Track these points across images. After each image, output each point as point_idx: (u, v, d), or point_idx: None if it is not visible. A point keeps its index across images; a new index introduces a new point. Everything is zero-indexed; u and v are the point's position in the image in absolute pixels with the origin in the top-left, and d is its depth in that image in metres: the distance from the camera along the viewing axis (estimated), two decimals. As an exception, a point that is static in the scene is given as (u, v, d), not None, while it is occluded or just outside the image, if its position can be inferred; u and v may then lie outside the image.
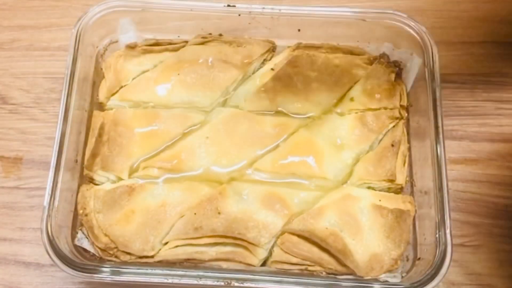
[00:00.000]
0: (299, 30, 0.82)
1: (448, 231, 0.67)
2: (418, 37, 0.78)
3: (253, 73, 0.81)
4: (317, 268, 0.69)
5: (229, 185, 0.73)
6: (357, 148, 0.75)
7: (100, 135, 0.75)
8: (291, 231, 0.70)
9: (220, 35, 0.82)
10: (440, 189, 0.69)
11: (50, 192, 0.68)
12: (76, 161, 0.74)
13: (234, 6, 0.79)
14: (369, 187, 0.75)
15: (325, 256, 0.69)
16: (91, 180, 0.75)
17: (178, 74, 0.78)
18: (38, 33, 0.92)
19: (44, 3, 0.94)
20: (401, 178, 0.75)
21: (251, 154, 0.75)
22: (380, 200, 0.73)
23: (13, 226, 0.79)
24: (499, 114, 0.87)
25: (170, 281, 0.65)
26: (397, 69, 0.80)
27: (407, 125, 0.79)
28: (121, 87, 0.79)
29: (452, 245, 0.67)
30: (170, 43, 0.81)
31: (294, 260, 0.69)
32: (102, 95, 0.79)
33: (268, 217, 0.71)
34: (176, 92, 0.78)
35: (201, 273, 0.66)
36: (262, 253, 0.70)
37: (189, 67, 0.79)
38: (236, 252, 0.70)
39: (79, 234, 0.71)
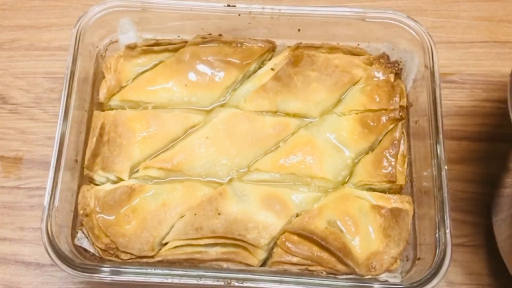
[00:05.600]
0: (299, 30, 0.82)
1: (448, 231, 0.67)
2: (418, 37, 0.78)
3: (253, 73, 0.81)
4: (318, 267, 0.69)
5: (229, 186, 0.73)
6: (357, 149, 0.75)
7: (100, 135, 0.75)
8: (291, 231, 0.70)
9: (220, 35, 0.82)
10: (440, 189, 0.69)
11: (50, 192, 0.68)
12: (76, 161, 0.74)
13: (234, 6, 0.79)
14: (369, 188, 0.75)
15: (325, 255, 0.69)
16: (91, 180, 0.75)
17: (178, 75, 0.78)
18: (38, 33, 0.92)
19: (44, 3, 0.94)
20: (401, 178, 0.75)
21: (251, 154, 0.75)
22: (379, 200, 0.73)
23: (13, 226, 0.79)
24: (499, 114, 0.87)
25: (170, 281, 0.66)
26: (396, 69, 0.80)
27: (407, 125, 0.79)
28: (121, 87, 0.79)
29: (452, 245, 0.67)
30: (170, 43, 0.81)
31: (295, 260, 0.69)
32: (102, 96, 0.79)
33: (268, 218, 0.71)
34: (176, 92, 0.78)
35: (201, 273, 0.66)
36: (261, 254, 0.70)
37: (189, 67, 0.79)
38: (236, 252, 0.70)
39: (79, 234, 0.71)
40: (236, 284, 0.65)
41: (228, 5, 0.79)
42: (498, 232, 0.73)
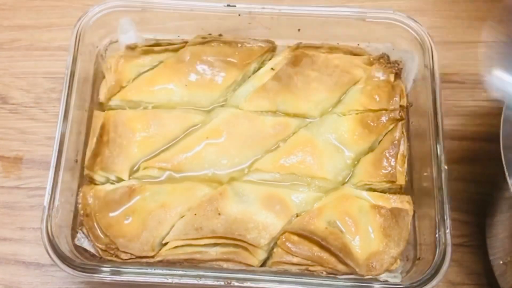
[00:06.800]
0: (299, 30, 0.82)
1: (448, 231, 0.67)
2: (418, 37, 0.78)
3: (253, 73, 0.81)
4: (318, 267, 0.69)
5: (229, 186, 0.73)
6: (357, 149, 0.75)
7: (100, 135, 0.75)
8: (291, 231, 0.70)
9: (220, 35, 0.82)
10: (440, 189, 0.69)
11: (50, 192, 0.68)
12: (76, 161, 0.74)
13: (234, 6, 0.79)
14: (369, 188, 0.75)
15: (325, 255, 0.69)
16: (92, 180, 0.75)
17: (178, 75, 0.78)
18: (38, 33, 0.92)
19: (44, 3, 0.94)
20: (401, 178, 0.75)
21: (251, 154, 0.75)
22: (378, 200, 0.73)
23: (13, 226, 0.79)
24: (499, 114, 0.86)
25: (170, 281, 0.66)
26: (396, 69, 0.80)
27: (407, 125, 0.79)
28: (122, 87, 0.79)
29: (452, 245, 0.67)
30: (170, 44, 0.81)
31: (295, 260, 0.69)
32: (102, 96, 0.79)
33: (268, 218, 0.71)
34: (176, 92, 0.78)
35: (201, 273, 0.66)
36: (261, 254, 0.70)
37: (189, 68, 0.79)
38: (236, 252, 0.70)
39: (79, 234, 0.71)
40: (236, 284, 0.65)
41: (228, 5, 0.79)
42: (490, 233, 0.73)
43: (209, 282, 0.66)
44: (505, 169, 0.62)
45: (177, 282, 0.65)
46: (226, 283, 0.66)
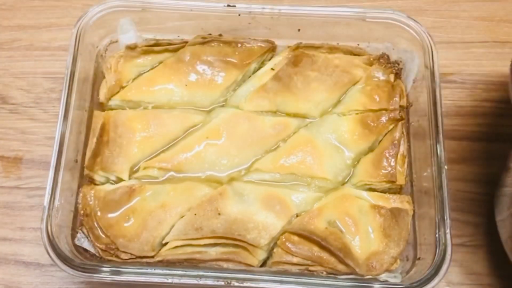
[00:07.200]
0: (299, 30, 0.82)
1: (448, 231, 0.67)
2: (418, 37, 0.78)
3: (253, 73, 0.81)
4: (318, 268, 0.69)
5: (229, 186, 0.73)
6: (357, 149, 0.75)
7: (100, 135, 0.75)
8: (291, 231, 0.70)
9: (220, 35, 0.82)
10: (440, 189, 0.69)
11: (50, 192, 0.68)
12: (76, 161, 0.74)
13: (234, 6, 0.79)
14: (369, 188, 0.75)
15: (325, 255, 0.69)
16: (92, 180, 0.75)
17: (178, 75, 0.78)
18: (38, 33, 0.92)
19: (44, 3, 0.94)
20: (400, 178, 0.75)
21: (251, 154, 0.75)
22: (378, 200, 0.73)
23: (13, 226, 0.79)
24: (499, 114, 0.87)
25: (170, 281, 0.66)
26: (396, 69, 0.80)
27: (407, 125, 0.79)
28: (122, 87, 0.79)
29: (452, 245, 0.67)
30: (170, 44, 0.81)
31: (295, 260, 0.69)
32: (102, 96, 0.79)
33: (268, 218, 0.71)
34: (176, 92, 0.78)
35: (201, 273, 0.66)
36: (261, 254, 0.70)
37: (189, 67, 0.79)
38: (236, 252, 0.70)
39: (79, 234, 0.71)
40: (236, 284, 0.65)
41: (228, 5, 0.79)
42: (502, 231, 0.73)
43: (209, 282, 0.66)
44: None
45: (177, 282, 0.66)
46: (226, 283, 0.66)
